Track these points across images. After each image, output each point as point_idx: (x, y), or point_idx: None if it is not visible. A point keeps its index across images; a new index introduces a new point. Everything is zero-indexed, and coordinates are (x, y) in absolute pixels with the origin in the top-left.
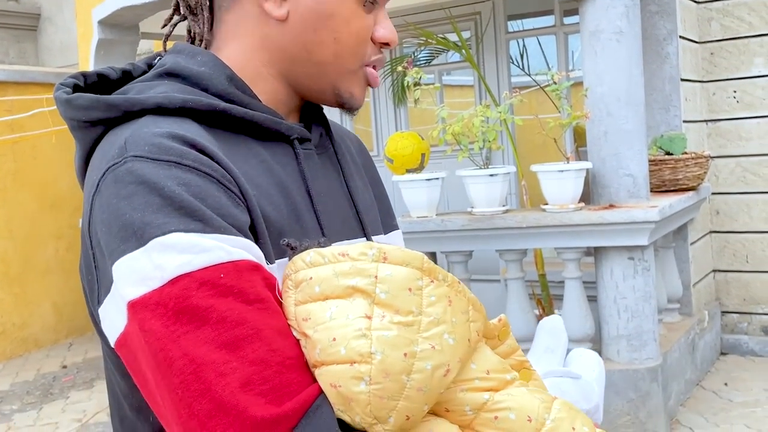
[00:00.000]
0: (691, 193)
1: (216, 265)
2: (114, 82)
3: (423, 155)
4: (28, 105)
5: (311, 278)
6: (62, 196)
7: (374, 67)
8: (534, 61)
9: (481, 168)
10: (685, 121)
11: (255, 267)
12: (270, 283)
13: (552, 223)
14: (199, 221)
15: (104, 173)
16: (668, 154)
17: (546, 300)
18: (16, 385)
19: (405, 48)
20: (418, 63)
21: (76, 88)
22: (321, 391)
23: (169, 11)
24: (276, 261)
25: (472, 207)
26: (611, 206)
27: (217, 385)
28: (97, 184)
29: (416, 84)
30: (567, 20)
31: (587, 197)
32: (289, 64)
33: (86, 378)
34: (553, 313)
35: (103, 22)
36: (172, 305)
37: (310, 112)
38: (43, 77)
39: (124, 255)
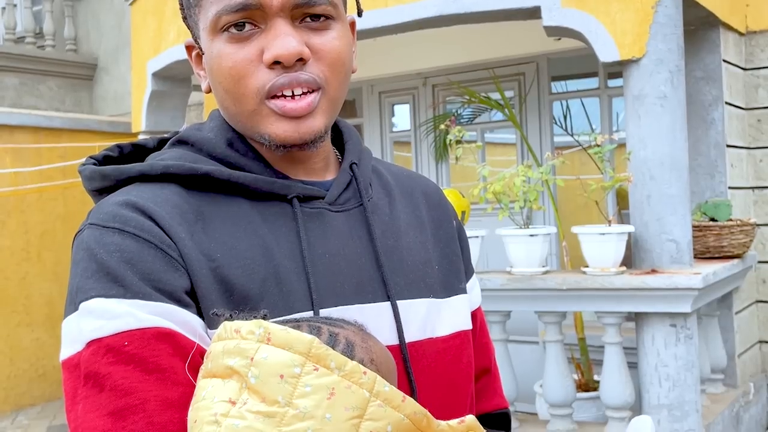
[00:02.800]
0: (736, 260)
1: (123, 332)
2: (151, 151)
3: (463, 213)
4: (81, 152)
5: (210, 353)
6: None
7: (282, 96)
8: (577, 122)
9: (521, 227)
10: (730, 188)
11: (165, 335)
12: (185, 351)
13: (592, 286)
14: (121, 287)
15: (74, 238)
16: (713, 220)
17: (585, 365)
18: (53, 428)
19: (448, 106)
20: (460, 121)
21: (107, 160)
22: None
23: None
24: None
25: (511, 266)
26: (653, 271)
27: None
28: (71, 247)
29: (458, 142)
30: (611, 83)
31: (629, 261)
32: (233, 123)
33: None
34: (591, 378)
35: (156, 74)
36: (83, 368)
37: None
38: (97, 125)
39: (66, 317)
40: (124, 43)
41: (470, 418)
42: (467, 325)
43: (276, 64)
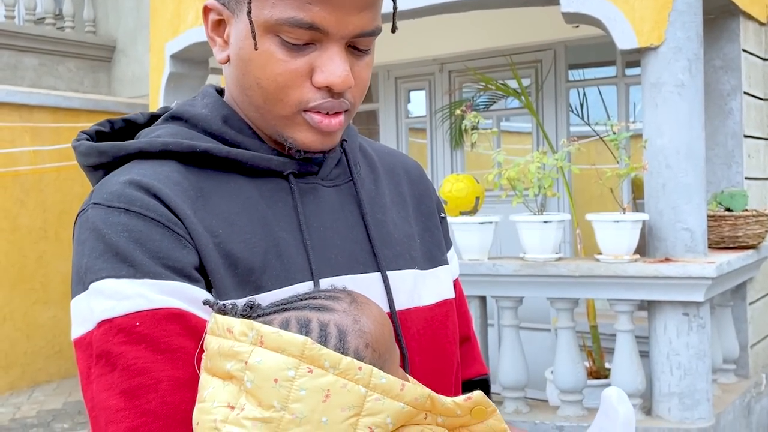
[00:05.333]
0: (751, 251)
1: (134, 312)
2: (142, 126)
3: (477, 198)
4: None
5: (207, 349)
6: None
7: (324, 112)
8: (594, 111)
9: (535, 214)
10: (747, 178)
11: (176, 315)
12: (195, 330)
13: (605, 273)
14: (131, 267)
15: (76, 217)
16: (728, 210)
17: (597, 352)
18: (69, 404)
19: (464, 92)
20: (476, 108)
21: (100, 135)
22: None
23: None
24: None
25: (525, 253)
26: (667, 260)
27: (105, 431)
28: (74, 227)
29: (474, 128)
30: (629, 71)
31: (643, 250)
32: (244, 106)
33: None
34: (603, 366)
35: (175, 56)
36: (95, 348)
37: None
38: (115, 107)
39: (74, 297)
40: (142, 25)
41: (477, 394)
42: (450, 293)
43: (325, 88)
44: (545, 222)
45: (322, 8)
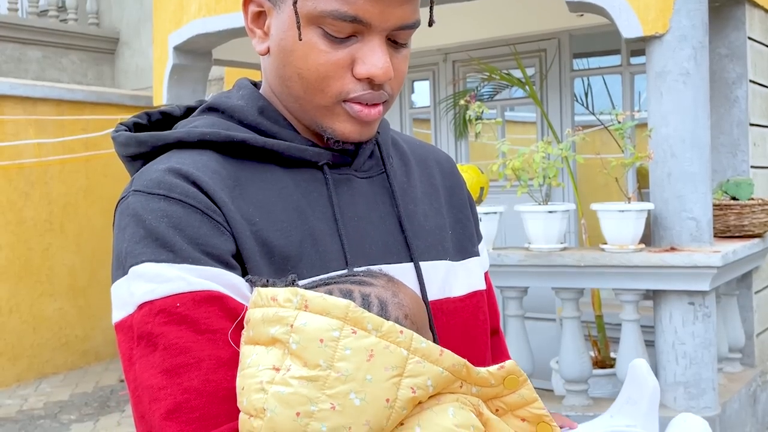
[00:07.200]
0: (756, 240)
1: (175, 294)
2: (178, 119)
3: (482, 189)
4: (103, 124)
5: (249, 320)
6: None
7: (362, 102)
8: (598, 100)
9: (540, 204)
10: (752, 167)
11: (215, 298)
12: (233, 313)
13: (611, 263)
14: (170, 252)
15: (117, 204)
16: (734, 199)
17: (602, 342)
18: (75, 396)
19: (468, 82)
20: (481, 97)
21: (137, 127)
22: None
23: (241, 39)
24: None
25: (530, 243)
26: (672, 249)
27: (149, 410)
28: (114, 213)
29: (478, 118)
30: (634, 60)
31: (648, 239)
32: (283, 97)
33: None
34: (608, 356)
35: (178, 48)
36: (136, 329)
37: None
38: (119, 99)
39: (115, 281)
40: (145, 17)
41: (510, 364)
42: (481, 285)
43: (366, 78)
44: (550, 212)
45: (365, 1)
